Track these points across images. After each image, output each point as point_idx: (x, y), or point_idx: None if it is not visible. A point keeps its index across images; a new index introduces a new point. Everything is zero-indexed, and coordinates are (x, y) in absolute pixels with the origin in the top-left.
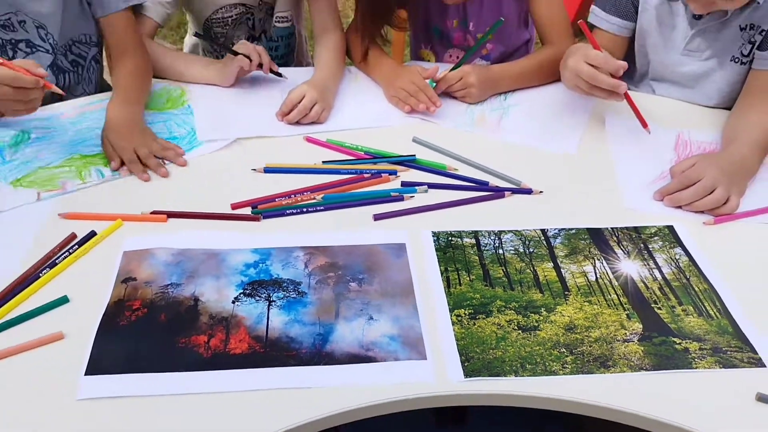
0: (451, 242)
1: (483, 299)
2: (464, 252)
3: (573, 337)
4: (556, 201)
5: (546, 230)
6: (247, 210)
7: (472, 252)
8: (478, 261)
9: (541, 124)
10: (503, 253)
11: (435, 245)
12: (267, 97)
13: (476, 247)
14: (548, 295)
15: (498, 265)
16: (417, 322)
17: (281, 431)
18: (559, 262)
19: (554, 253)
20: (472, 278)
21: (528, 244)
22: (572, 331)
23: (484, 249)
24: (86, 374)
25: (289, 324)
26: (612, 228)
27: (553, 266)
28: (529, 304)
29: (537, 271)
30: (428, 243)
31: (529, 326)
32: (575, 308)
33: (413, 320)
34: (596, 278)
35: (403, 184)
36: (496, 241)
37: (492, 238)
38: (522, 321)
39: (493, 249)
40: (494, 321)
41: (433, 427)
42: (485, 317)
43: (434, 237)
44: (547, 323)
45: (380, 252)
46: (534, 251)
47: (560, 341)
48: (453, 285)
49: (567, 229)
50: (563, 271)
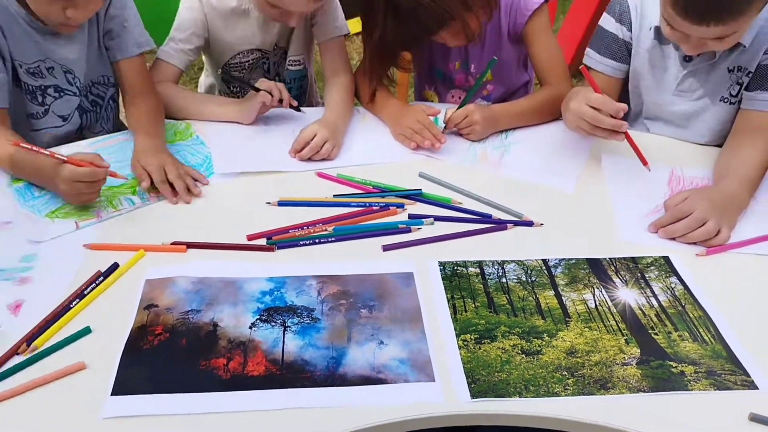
0: (457, 271)
1: (488, 325)
2: (469, 281)
3: (574, 361)
4: (556, 233)
5: (547, 260)
6: (263, 241)
7: (477, 281)
8: (483, 289)
9: (541, 161)
10: (506, 282)
11: (441, 274)
12: (280, 135)
13: (481, 276)
14: (550, 321)
15: (502, 293)
16: (425, 346)
17: None
18: (560, 290)
19: (555, 282)
20: (478, 305)
21: (530, 273)
22: (573, 355)
23: (489, 278)
24: (112, 394)
25: (304, 348)
26: (610, 258)
27: (555, 294)
28: (532, 330)
29: (539, 299)
30: (435, 272)
31: (532, 350)
32: (576, 334)
33: (422, 344)
34: (596, 305)
35: (411, 217)
36: (500, 271)
37: (496, 268)
38: (525, 345)
39: (497, 278)
40: (499, 345)
41: None
42: (490, 342)
43: (441, 267)
44: (550, 348)
45: (389, 281)
46: (536, 280)
47: (562, 364)
48: (459, 312)
49: (567, 259)
50: (564, 299)
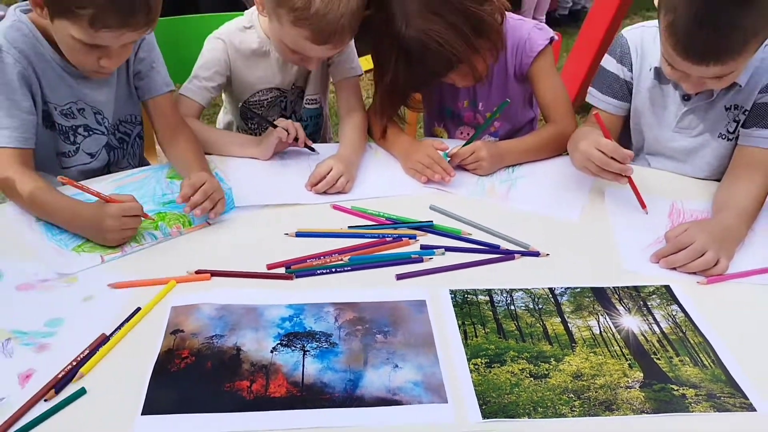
0: (467, 299)
1: (497, 350)
2: (479, 308)
3: (580, 384)
4: (562, 263)
5: (553, 289)
6: (282, 270)
7: (487, 308)
8: (492, 316)
9: (547, 195)
10: (515, 309)
11: (452, 302)
12: (297, 169)
13: (490, 304)
14: (557, 347)
15: (510, 320)
16: (438, 370)
17: None
18: (566, 317)
19: (561, 309)
20: (487, 331)
21: (537, 301)
22: (579, 379)
23: (498, 305)
24: (142, 414)
25: (323, 371)
26: (614, 287)
27: (561, 321)
28: (540, 355)
29: (546, 325)
30: (446, 300)
31: (540, 374)
32: (581, 358)
33: (435, 368)
34: (600, 332)
35: (423, 247)
36: (508, 299)
37: (504, 296)
38: (533, 369)
39: (506, 305)
40: (508, 369)
41: None
42: (500, 366)
43: (452, 295)
44: (557, 371)
45: (403, 308)
46: (543, 307)
47: (568, 387)
48: (470, 337)
49: (572, 288)
50: (570, 325)
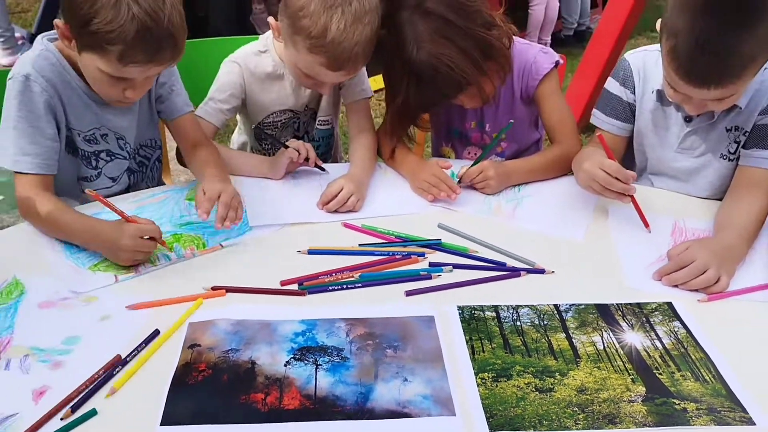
0: (475, 315)
1: (504, 365)
2: (486, 324)
3: (584, 398)
4: (567, 280)
5: (558, 305)
6: (295, 286)
7: (493, 324)
8: (499, 332)
9: (552, 213)
10: (521, 325)
11: (460, 318)
12: (308, 189)
13: (497, 320)
14: (561, 362)
15: (516, 335)
16: (446, 384)
17: None
18: (571, 333)
19: (566, 326)
20: (494, 346)
21: (542, 318)
22: (583, 393)
23: (504, 321)
24: (161, 425)
25: (335, 384)
26: (617, 304)
27: (566, 336)
28: (545, 369)
29: (551, 341)
30: (454, 316)
31: (546, 388)
32: (586, 373)
33: (443, 382)
34: (604, 347)
35: (431, 265)
36: (514, 315)
37: (510, 312)
38: (539, 383)
39: (512, 321)
40: (514, 383)
41: None
42: (506, 380)
43: (459, 311)
44: (561, 386)
45: (412, 323)
46: (548, 323)
47: (573, 401)
48: (477, 352)
49: (577, 305)
50: (574, 341)
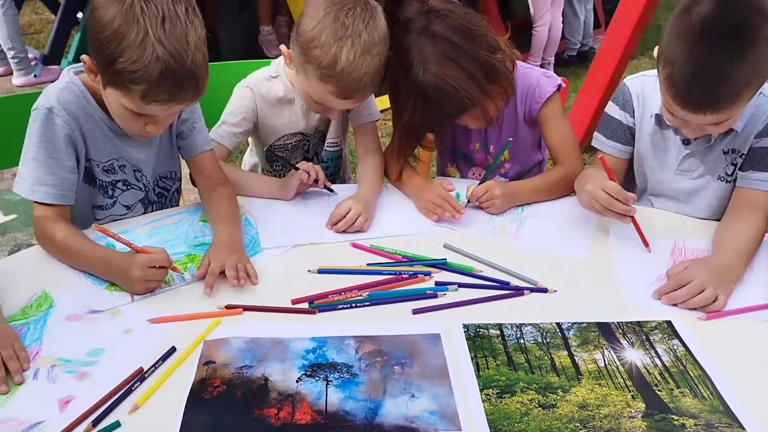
0: (479, 333)
1: (508, 381)
2: (491, 341)
3: (586, 414)
4: (569, 299)
5: (560, 324)
6: (305, 305)
7: (498, 341)
8: (503, 349)
9: (554, 233)
10: (524, 343)
11: (465, 335)
12: (318, 209)
13: (501, 338)
14: (564, 379)
15: (520, 353)
16: (452, 400)
17: None
18: (573, 351)
19: (568, 343)
20: (498, 363)
21: (545, 335)
22: (585, 409)
23: (508, 339)
24: None
25: (345, 400)
26: (618, 322)
27: (568, 354)
28: (548, 386)
29: (554, 358)
30: (460, 334)
31: (548, 404)
32: (587, 390)
33: (449, 398)
34: (605, 364)
35: (437, 284)
36: (518, 333)
37: (514, 330)
38: (542, 400)
39: (516, 339)
40: (518, 399)
41: None
42: (510, 396)
43: (465, 329)
44: (564, 402)
45: (419, 341)
46: (551, 341)
47: (575, 417)
48: (482, 369)
49: (579, 323)
50: (576, 358)
